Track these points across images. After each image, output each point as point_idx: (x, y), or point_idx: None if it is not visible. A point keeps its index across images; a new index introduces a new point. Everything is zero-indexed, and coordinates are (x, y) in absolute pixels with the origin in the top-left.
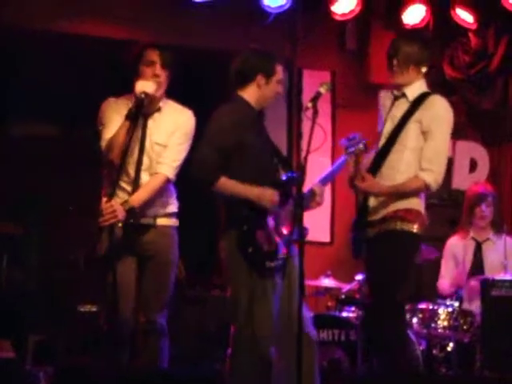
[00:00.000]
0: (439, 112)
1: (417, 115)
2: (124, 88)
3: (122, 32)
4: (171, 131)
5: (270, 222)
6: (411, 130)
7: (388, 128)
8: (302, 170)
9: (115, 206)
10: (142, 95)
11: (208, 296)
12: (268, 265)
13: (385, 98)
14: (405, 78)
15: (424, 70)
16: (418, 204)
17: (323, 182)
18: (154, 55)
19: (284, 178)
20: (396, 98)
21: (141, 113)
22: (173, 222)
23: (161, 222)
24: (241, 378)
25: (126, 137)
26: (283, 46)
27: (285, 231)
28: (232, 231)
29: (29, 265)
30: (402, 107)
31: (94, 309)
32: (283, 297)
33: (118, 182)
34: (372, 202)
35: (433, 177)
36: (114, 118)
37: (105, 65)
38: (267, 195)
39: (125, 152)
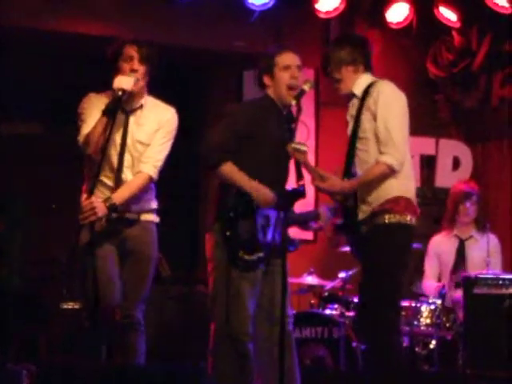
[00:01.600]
0: (382, 94)
1: (366, 105)
2: (110, 85)
3: (108, 29)
4: (154, 129)
5: (259, 219)
6: (365, 120)
7: (350, 128)
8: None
9: (95, 203)
10: (120, 92)
11: (192, 292)
12: (241, 255)
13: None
14: (347, 83)
15: (362, 68)
16: (401, 189)
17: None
18: (132, 50)
19: (290, 188)
20: (350, 99)
21: (119, 109)
22: (154, 218)
23: (144, 217)
24: (222, 374)
25: (103, 133)
26: (267, 44)
27: (275, 236)
28: (217, 224)
29: (12, 262)
30: (355, 105)
31: (76, 306)
32: (265, 294)
33: (98, 179)
34: (354, 201)
35: (393, 157)
36: (94, 114)
37: (91, 62)
38: (263, 193)
39: (104, 148)
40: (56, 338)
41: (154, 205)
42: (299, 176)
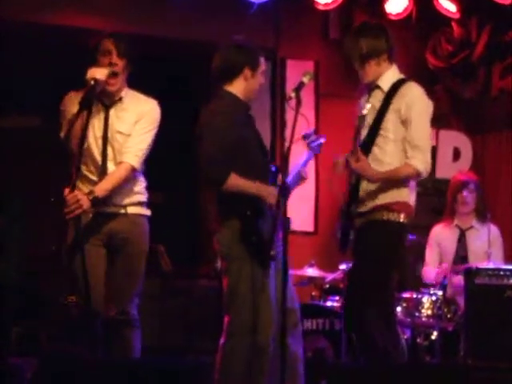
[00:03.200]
0: (415, 99)
1: (394, 104)
2: None
3: (106, 23)
4: (134, 120)
5: (268, 213)
6: (390, 120)
7: (368, 119)
8: (286, 159)
9: (79, 196)
10: (92, 81)
11: (194, 286)
12: (272, 253)
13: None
14: (373, 75)
15: (386, 58)
16: (407, 196)
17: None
18: (109, 44)
19: (274, 169)
20: (372, 89)
21: (93, 98)
22: (143, 211)
23: (131, 210)
24: (231, 369)
25: (81, 125)
26: (266, 36)
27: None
28: (232, 221)
29: (10, 256)
30: (378, 98)
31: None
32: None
33: (79, 172)
34: (362, 192)
35: (423, 164)
36: (73, 110)
37: (88, 55)
38: (272, 192)
39: (81, 140)
40: (56, 332)
41: (143, 197)
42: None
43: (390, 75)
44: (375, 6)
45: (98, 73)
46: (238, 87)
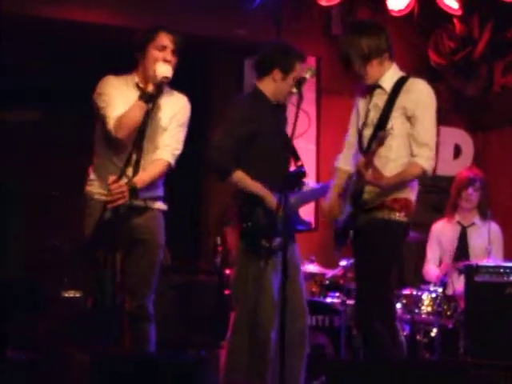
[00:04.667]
0: (421, 95)
1: (399, 102)
2: (111, 73)
3: (106, 17)
4: (170, 116)
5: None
6: (396, 118)
7: (372, 117)
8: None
9: (124, 187)
10: (164, 79)
11: (193, 282)
12: (264, 244)
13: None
14: (376, 75)
15: (387, 57)
16: (408, 192)
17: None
18: (166, 40)
19: (292, 171)
20: (373, 89)
21: (159, 95)
22: (161, 205)
23: (151, 205)
24: (236, 363)
25: (138, 117)
26: (268, 32)
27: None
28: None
29: (11, 250)
30: (381, 97)
31: (77, 294)
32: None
33: (129, 163)
34: (367, 193)
35: (428, 162)
36: (116, 96)
37: (91, 50)
38: (272, 199)
39: (140, 133)
40: (56, 326)
41: (161, 192)
42: (296, 158)
43: (390, 74)
44: (377, 2)
45: (167, 70)
46: (266, 86)
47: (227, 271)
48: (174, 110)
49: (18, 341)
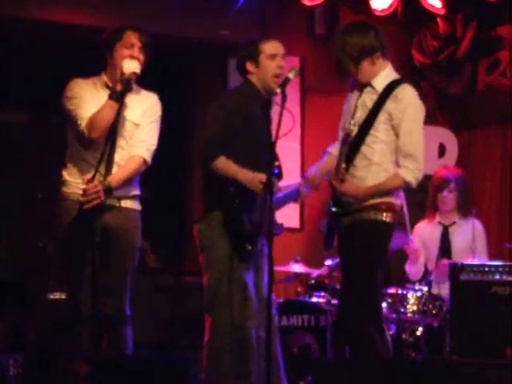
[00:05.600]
0: (408, 106)
1: (386, 106)
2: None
3: (93, 19)
4: (141, 111)
5: (257, 208)
6: (381, 122)
7: (359, 117)
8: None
9: (99, 187)
10: (132, 75)
11: (179, 283)
12: (247, 247)
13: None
14: (369, 74)
15: (379, 55)
16: (390, 197)
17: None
18: (133, 38)
19: (276, 171)
20: (365, 86)
21: (128, 92)
22: (136, 205)
23: (125, 204)
24: (218, 367)
25: (110, 116)
26: (252, 32)
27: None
28: (214, 213)
29: None
30: (371, 96)
31: (63, 296)
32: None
33: (101, 162)
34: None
35: (412, 174)
36: (86, 97)
37: (76, 51)
38: (254, 177)
39: (111, 132)
40: (43, 328)
41: (137, 191)
42: (275, 158)
43: (384, 75)
44: (361, 2)
45: (136, 66)
46: (252, 79)
47: None
48: (145, 106)
49: (5, 342)
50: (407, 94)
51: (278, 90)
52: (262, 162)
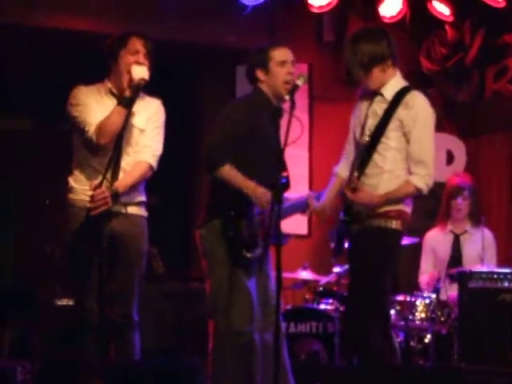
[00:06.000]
0: (419, 112)
1: (397, 114)
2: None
3: (97, 25)
4: (146, 118)
5: (256, 216)
6: (392, 129)
7: (370, 125)
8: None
9: (106, 193)
10: (142, 81)
11: (187, 289)
12: (244, 254)
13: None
14: (379, 82)
15: (390, 64)
16: (401, 205)
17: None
18: (138, 44)
19: (284, 180)
20: (375, 95)
21: (137, 98)
22: (143, 211)
23: (131, 210)
24: (223, 373)
25: (118, 122)
26: (260, 39)
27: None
28: (214, 220)
29: (4, 259)
30: (381, 105)
31: (70, 303)
32: (260, 286)
33: (109, 168)
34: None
35: (423, 181)
36: (91, 104)
37: (79, 57)
38: (262, 193)
39: (119, 138)
40: (50, 335)
41: (142, 197)
42: (283, 168)
43: (393, 83)
44: (369, 8)
45: (145, 72)
46: (262, 87)
47: None
48: (149, 112)
49: (12, 349)
50: (418, 101)
51: (287, 97)
52: (269, 171)
